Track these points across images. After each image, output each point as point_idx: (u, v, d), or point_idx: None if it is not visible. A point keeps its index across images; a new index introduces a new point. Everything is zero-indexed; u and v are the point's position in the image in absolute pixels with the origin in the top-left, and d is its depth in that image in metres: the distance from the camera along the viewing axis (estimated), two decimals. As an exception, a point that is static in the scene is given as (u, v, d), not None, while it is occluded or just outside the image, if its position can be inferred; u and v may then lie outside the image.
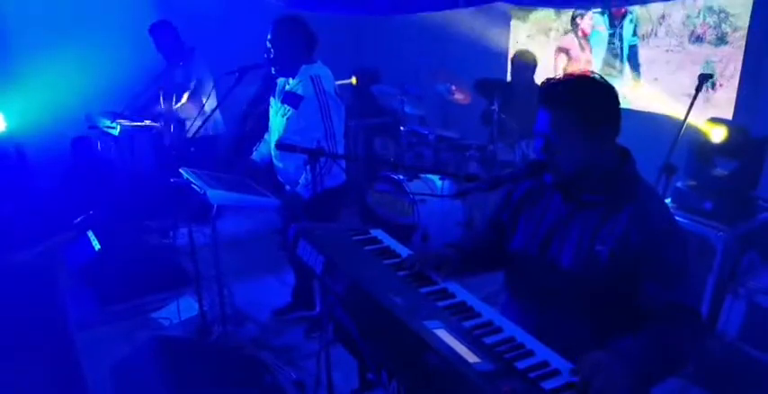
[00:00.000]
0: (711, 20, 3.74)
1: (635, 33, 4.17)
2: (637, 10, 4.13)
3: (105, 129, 4.11)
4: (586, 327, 1.51)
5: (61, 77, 4.42)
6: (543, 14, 4.87)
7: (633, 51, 4.21)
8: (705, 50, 3.80)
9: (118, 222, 3.93)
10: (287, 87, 3.04)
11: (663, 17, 4.01)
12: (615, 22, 4.30)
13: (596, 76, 1.51)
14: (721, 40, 3.70)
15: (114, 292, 3.48)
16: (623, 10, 4.21)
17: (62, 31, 4.34)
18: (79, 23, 4.39)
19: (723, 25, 3.67)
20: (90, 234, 3.67)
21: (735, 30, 3.62)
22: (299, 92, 2.94)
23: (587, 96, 1.48)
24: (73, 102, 4.39)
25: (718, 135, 2.88)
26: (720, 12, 3.68)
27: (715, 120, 2.97)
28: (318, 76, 2.94)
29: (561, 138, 1.48)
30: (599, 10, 4.36)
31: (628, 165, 1.56)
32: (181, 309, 3.35)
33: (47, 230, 3.88)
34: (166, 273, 3.66)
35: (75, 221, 3.92)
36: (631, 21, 4.18)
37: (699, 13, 3.80)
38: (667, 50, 4.01)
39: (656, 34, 4.08)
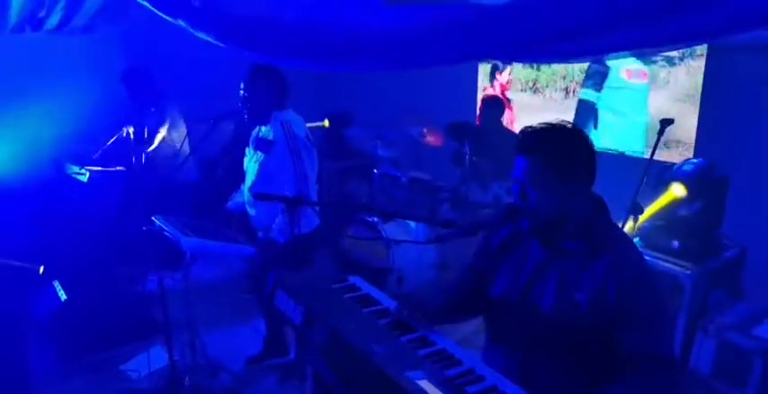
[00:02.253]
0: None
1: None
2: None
3: (74, 176, 4.04)
4: (568, 373, 1.52)
5: (29, 122, 4.36)
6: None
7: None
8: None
9: (85, 271, 3.82)
10: (259, 134, 3.07)
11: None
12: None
13: (572, 125, 1.55)
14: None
15: (81, 344, 3.35)
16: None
17: (29, 75, 4.31)
18: (47, 67, 4.37)
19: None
20: (56, 284, 3.56)
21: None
22: (270, 137, 2.99)
23: (562, 145, 1.51)
24: (41, 148, 4.32)
25: (678, 191, 3.00)
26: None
27: (675, 175, 3.08)
28: (288, 121, 2.99)
29: (536, 184, 1.50)
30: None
31: (603, 214, 1.59)
32: (150, 360, 3.23)
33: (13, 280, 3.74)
34: (135, 323, 3.55)
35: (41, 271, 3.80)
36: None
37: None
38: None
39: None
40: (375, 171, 4.67)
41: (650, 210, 3.04)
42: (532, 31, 1.56)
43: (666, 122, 2.85)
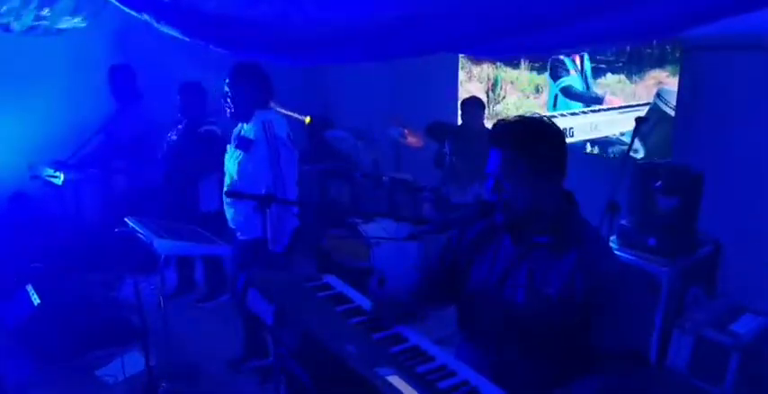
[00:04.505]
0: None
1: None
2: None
3: (48, 179, 3.97)
4: (542, 368, 1.51)
5: (3, 125, 4.30)
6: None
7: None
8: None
9: (59, 275, 3.75)
10: (241, 133, 3.05)
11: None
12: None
13: (545, 118, 1.54)
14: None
15: (55, 350, 3.28)
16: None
17: (4, 77, 4.24)
18: (20, 69, 4.30)
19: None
20: (29, 288, 3.49)
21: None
22: (251, 136, 2.97)
23: (537, 139, 1.50)
24: (16, 151, 4.25)
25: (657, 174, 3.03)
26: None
27: (654, 161, 3.12)
28: (270, 120, 2.97)
29: (510, 178, 1.50)
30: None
31: (572, 209, 1.59)
32: (126, 365, 3.18)
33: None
34: (110, 328, 3.49)
35: (14, 275, 3.72)
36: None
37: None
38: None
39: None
40: (356, 172, 4.66)
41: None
42: (493, 24, 1.56)
43: (642, 120, 2.87)
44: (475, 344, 1.67)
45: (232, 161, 3.05)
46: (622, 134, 4.04)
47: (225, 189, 3.06)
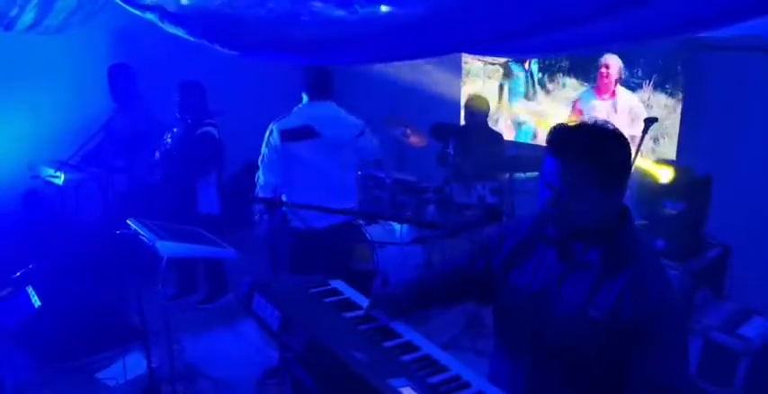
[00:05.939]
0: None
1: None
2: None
3: (48, 179, 3.93)
4: (575, 388, 1.43)
5: (5, 126, 4.26)
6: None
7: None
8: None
9: (60, 277, 3.71)
10: None
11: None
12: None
13: (610, 124, 1.39)
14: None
15: (55, 352, 3.26)
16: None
17: (4, 77, 4.20)
18: (23, 68, 4.26)
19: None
20: (29, 290, 3.45)
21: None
22: None
23: (609, 148, 1.36)
24: (20, 152, 4.21)
25: (665, 175, 2.99)
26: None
27: (661, 161, 3.09)
28: (287, 114, 3.03)
29: (578, 192, 1.35)
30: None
31: (628, 225, 1.45)
32: (127, 368, 3.15)
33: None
34: (112, 330, 3.46)
35: (13, 276, 3.68)
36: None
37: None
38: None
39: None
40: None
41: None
42: (502, 26, 1.52)
43: (650, 121, 2.83)
44: (508, 356, 1.58)
45: None
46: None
47: None
